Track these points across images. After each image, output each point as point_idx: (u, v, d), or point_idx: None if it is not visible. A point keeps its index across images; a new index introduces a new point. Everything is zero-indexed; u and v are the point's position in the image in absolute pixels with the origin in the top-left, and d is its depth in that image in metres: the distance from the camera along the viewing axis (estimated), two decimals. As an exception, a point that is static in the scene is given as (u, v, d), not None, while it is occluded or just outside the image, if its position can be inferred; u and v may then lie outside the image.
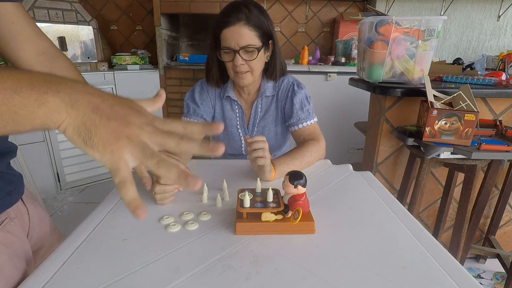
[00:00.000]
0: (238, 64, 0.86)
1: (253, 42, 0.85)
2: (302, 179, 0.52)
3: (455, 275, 0.44)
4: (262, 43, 0.88)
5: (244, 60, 0.87)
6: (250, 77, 0.91)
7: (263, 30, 0.87)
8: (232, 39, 0.84)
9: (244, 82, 0.91)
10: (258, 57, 0.88)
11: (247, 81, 0.91)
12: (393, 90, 1.19)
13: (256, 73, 0.91)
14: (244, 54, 0.86)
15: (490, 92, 1.19)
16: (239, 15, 0.83)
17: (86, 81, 0.38)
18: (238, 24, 0.83)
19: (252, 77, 0.92)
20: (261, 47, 0.88)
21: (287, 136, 1.08)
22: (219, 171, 0.82)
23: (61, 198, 2.20)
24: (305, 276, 0.43)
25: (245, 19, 0.84)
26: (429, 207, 1.52)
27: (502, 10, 2.58)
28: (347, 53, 2.33)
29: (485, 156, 1.02)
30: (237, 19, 0.83)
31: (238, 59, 0.86)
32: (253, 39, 0.85)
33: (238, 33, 0.84)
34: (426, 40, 1.16)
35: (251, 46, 0.85)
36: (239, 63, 0.86)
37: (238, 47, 0.85)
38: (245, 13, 0.83)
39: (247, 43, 0.85)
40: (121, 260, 0.47)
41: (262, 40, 0.88)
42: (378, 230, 0.55)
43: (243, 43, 0.84)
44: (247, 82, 0.92)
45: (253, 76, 0.92)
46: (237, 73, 0.89)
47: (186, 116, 0.99)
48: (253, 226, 0.53)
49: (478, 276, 1.52)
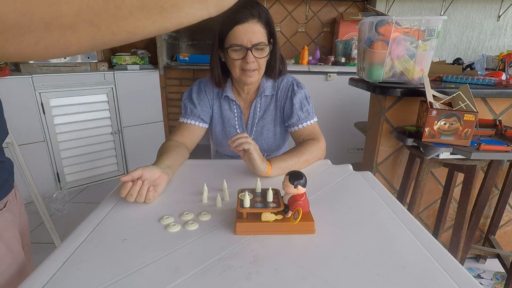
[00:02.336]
0: (250, 61, 0.85)
1: (264, 40, 0.85)
2: (302, 179, 0.52)
3: (455, 275, 0.44)
4: (268, 41, 0.88)
5: (255, 58, 0.86)
6: (257, 75, 0.90)
7: (270, 28, 0.87)
8: (244, 36, 0.83)
9: (251, 80, 0.90)
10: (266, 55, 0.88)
11: (254, 79, 0.90)
12: (393, 90, 1.19)
13: (262, 71, 0.91)
14: (255, 52, 0.86)
15: (490, 92, 1.19)
16: (253, 11, 0.82)
17: None
18: (252, 20, 0.82)
19: (259, 75, 0.91)
20: (269, 45, 0.88)
21: (286, 137, 1.08)
22: (219, 171, 0.82)
23: (61, 198, 2.20)
24: (305, 276, 0.43)
25: (258, 16, 0.83)
26: (429, 207, 1.52)
27: (502, 10, 2.58)
28: (347, 53, 2.33)
29: (485, 156, 1.02)
30: (251, 15, 0.82)
31: (250, 56, 0.84)
32: (264, 36, 0.85)
33: (252, 30, 0.82)
34: (426, 40, 1.16)
35: (262, 44, 0.85)
36: (251, 60, 0.85)
37: (250, 45, 0.84)
38: (258, 10, 0.83)
39: (259, 40, 0.84)
40: (121, 260, 0.47)
41: (269, 37, 0.88)
42: (378, 230, 0.55)
43: (255, 40, 0.84)
44: (254, 80, 0.91)
45: (259, 74, 0.91)
46: (245, 71, 0.88)
47: (184, 117, 0.99)
48: (253, 226, 0.53)
49: (478, 276, 1.52)
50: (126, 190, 0.61)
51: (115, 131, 2.42)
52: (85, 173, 2.37)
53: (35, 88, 2.00)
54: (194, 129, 0.97)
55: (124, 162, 2.53)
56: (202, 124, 0.99)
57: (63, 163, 2.23)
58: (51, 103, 2.09)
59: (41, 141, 2.09)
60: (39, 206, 1.45)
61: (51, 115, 2.10)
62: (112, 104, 2.35)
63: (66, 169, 2.26)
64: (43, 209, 1.46)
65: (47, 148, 2.12)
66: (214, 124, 1.04)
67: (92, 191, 2.32)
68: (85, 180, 2.37)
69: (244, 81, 0.91)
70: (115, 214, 0.60)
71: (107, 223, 0.57)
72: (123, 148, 2.50)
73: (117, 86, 2.34)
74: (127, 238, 0.52)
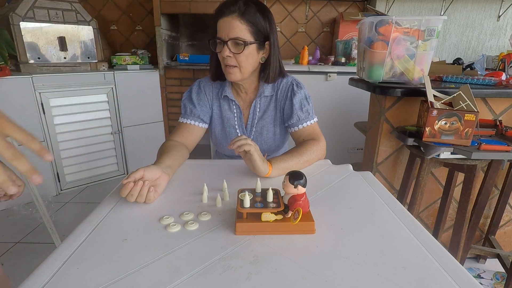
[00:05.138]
0: (225, 55, 0.87)
1: (242, 36, 0.85)
2: (302, 179, 0.52)
3: (455, 275, 0.44)
4: (254, 40, 0.87)
5: (232, 53, 0.87)
6: (238, 73, 0.90)
7: (257, 27, 0.87)
8: (223, 30, 0.85)
9: (231, 77, 0.91)
10: (247, 53, 0.87)
11: (234, 76, 0.91)
12: (393, 90, 1.19)
13: (244, 70, 0.90)
14: (233, 47, 0.86)
15: (490, 92, 1.19)
16: (233, 8, 0.84)
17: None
18: (231, 15, 0.84)
19: (241, 74, 0.91)
20: (250, 43, 0.87)
21: (286, 137, 1.08)
22: (219, 171, 0.82)
23: (61, 198, 2.20)
24: (305, 276, 0.43)
25: (238, 12, 0.84)
26: (429, 207, 1.52)
27: (502, 10, 2.58)
28: (347, 53, 2.33)
29: (485, 156, 1.02)
30: (230, 11, 0.84)
31: (226, 50, 0.86)
32: (244, 33, 0.85)
33: (229, 24, 0.85)
34: (426, 40, 1.16)
35: (240, 39, 0.85)
36: (225, 54, 0.86)
37: (227, 38, 0.85)
38: (240, 6, 0.84)
39: (236, 35, 0.85)
40: (121, 260, 0.47)
41: (255, 37, 0.87)
42: (378, 230, 0.55)
43: (232, 34, 0.85)
44: (234, 78, 0.91)
45: (242, 73, 0.91)
46: (226, 67, 0.90)
47: (184, 117, 0.99)
48: (253, 226, 0.53)
49: (478, 276, 1.52)
50: (127, 190, 0.61)
51: (115, 131, 2.42)
52: (85, 173, 2.36)
53: (35, 88, 2.00)
54: (193, 129, 0.97)
55: (124, 162, 2.53)
56: (201, 124, 0.99)
57: (63, 163, 2.23)
58: (51, 103, 2.09)
59: (41, 141, 2.07)
60: (39, 206, 1.45)
61: (51, 115, 2.10)
62: (112, 104, 2.35)
63: (66, 169, 2.26)
64: (43, 209, 1.46)
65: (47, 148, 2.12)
66: (213, 124, 1.04)
67: (92, 191, 2.32)
68: (85, 180, 2.37)
69: (226, 77, 0.93)
70: (115, 214, 0.60)
71: (107, 223, 0.57)
72: (123, 148, 2.50)
73: (117, 86, 2.34)
74: (127, 238, 0.52)
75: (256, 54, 0.91)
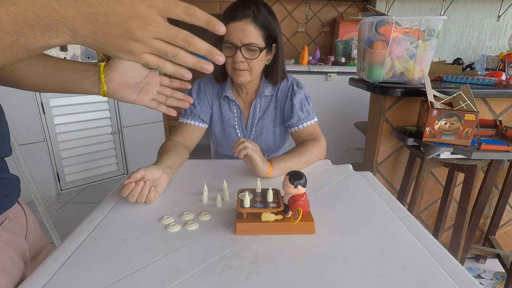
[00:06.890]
0: (238, 61, 0.85)
1: (256, 41, 0.84)
2: (302, 179, 0.52)
3: (455, 275, 0.44)
4: (265, 45, 0.87)
5: (245, 58, 0.86)
6: (248, 76, 0.90)
7: (268, 31, 0.87)
8: (236, 34, 0.83)
9: (241, 80, 0.90)
10: (259, 58, 0.87)
11: (244, 79, 0.90)
12: (393, 90, 1.19)
13: (254, 74, 0.91)
14: (246, 52, 0.85)
15: (490, 92, 1.19)
16: (247, 11, 0.82)
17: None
18: (244, 20, 0.82)
19: (250, 77, 0.91)
20: (263, 48, 0.86)
21: (286, 137, 1.08)
22: (219, 171, 0.82)
23: (61, 198, 2.20)
24: (305, 276, 0.43)
25: (253, 17, 0.83)
26: (429, 207, 1.52)
27: (502, 10, 2.58)
28: (347, 53, 2.33)
29: (485, 156, 1.02)
30: (244, 15, 0.82)
31: (239, 55, 0.85)
32: (257, 38, 0.85)
33: (243, 29, 0.83)
34: (426, 40, 1.16)
35: (254, 45, 0.84)
36: (239, 60, 0.85)
37: (241, 44, 0.84)
38: (254, 10, 0.83)
39: (251, 41, 0.84)
40: (121, 260, 0.47)
41: (266, 41, 0.87)
42: (378, 230, 0.55)
43: (246, 40, 0.83)
44: (244, 80, 0.91)
45: (251, 76, 0.91)
46: (235, 70, 0.89)
47: (183, 117, 0.99)
48: (253, 226, 0.53)
49: (478, 276, 1.52)
50: (128, 190, 0.61)
51: (115, 131, 2.42)
52: (85, 173, 2.37)
53: (35, 88, 2.00)
54: (193, 129, 0.97)
55: (124, 162, 2.53)
56: (201, 124, 0.99)
57: (63, 163, 2.23)
58: (51, 103, 2.09)
59: (41, 141, 2.09)
60: (39, 206, 1.45)
61: (51, 115, 2.11)
62: (112, 104, 2.35)
63: (66, 169, 2.26)
64: (43, 209, 1.46)
65: (47, 148, 2.12)
66: (213, 124, 1.04)
67: (92, 191, 2.32)
68: (85, 180, 2.37)
69: (234, 79, 0.92)
70: (115, 214, 0.60)
71: (107, 223, 0.57)
72: (123, 148, 2.50)
73: (117, 86, 2.34)
74: (127, 238, 0.52)
75: (265, 57, 0.91)
